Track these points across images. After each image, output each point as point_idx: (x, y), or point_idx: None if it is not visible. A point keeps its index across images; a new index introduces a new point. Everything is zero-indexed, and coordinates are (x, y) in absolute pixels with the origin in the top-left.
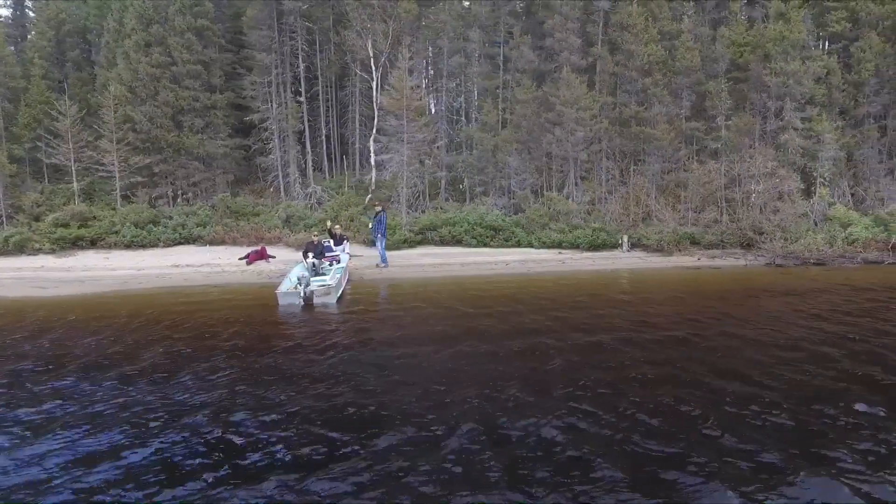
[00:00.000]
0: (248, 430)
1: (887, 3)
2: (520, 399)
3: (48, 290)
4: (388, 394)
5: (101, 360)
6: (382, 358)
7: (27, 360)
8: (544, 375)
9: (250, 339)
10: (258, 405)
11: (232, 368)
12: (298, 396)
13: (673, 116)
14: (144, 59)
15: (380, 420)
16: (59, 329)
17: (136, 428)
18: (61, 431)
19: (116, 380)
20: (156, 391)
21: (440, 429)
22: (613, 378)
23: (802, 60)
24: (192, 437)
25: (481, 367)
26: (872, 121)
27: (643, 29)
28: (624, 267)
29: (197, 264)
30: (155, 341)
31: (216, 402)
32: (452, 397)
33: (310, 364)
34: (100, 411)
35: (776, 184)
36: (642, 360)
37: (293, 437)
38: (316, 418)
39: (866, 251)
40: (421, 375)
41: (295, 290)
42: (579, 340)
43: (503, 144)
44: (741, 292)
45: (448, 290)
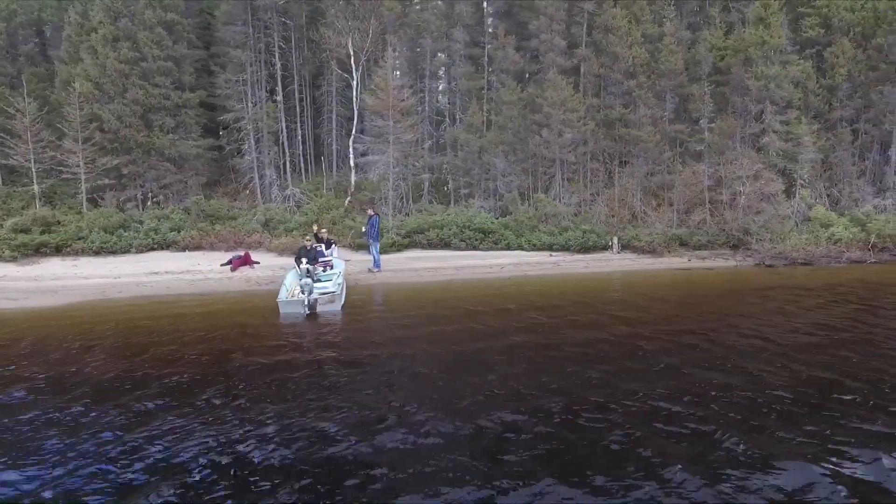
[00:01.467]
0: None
1: (858, 11)
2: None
3: (18, 301)
4: (420, 411)
5: (104, 384)
6: (406, 373)
7: (18, 386)
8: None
9: (258, 354)
10: (293, 431)
11: (250, 390)
12: (332, 421)
13: (657, 119)
14: (112, 54)
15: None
16: (41, 347)
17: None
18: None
19: (128, 409)
20: (193, 422)
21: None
22: (670, 391)
23: (783, 65)
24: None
25: (511, 385)
26: (846, 124)
27: (627, 32)
28: (618, 269)
29: (176, 271)
30: (157, 361)
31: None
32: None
33: (333, 383)
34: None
35: (761, 185)
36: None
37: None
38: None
39: (849, 251)
40: (450, 391)
41: (297, 298)
42: (610, 349)
43: (489, 146)
44: (751, 292)
45: (448, 295)
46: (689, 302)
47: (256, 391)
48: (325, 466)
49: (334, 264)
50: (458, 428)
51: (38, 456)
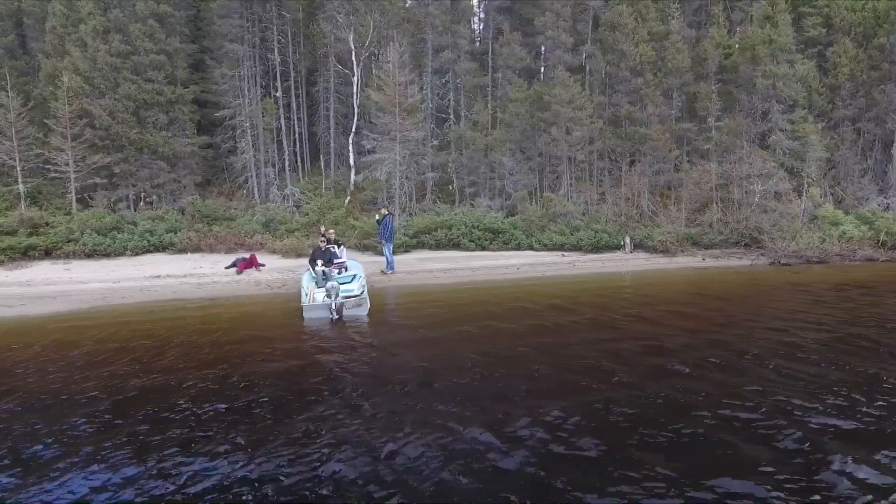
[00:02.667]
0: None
1: (859, 11)
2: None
3: (14, 307)
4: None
5: (131, 397)
6: (448, 382)
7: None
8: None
9: (293, 361)
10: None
11: (301, 412)
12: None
13: (665, 117)
14: (103, 46)
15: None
16: (45, 360)
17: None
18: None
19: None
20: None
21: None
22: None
23: (790, 64)
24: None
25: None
26: (848, 123)
27: (633, 29)
28: (635, 269)
29: (179, 274)
30: (182, 373)
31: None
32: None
33: (390, 393)
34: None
35: (773, 184)
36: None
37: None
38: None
39: (861, 249)
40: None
41: (322, 302)
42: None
43: (496, 144)
44: (789, 289)
45: (471, 297)
46: (737, 300)
47: (309, 404)
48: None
49: (349, 266)
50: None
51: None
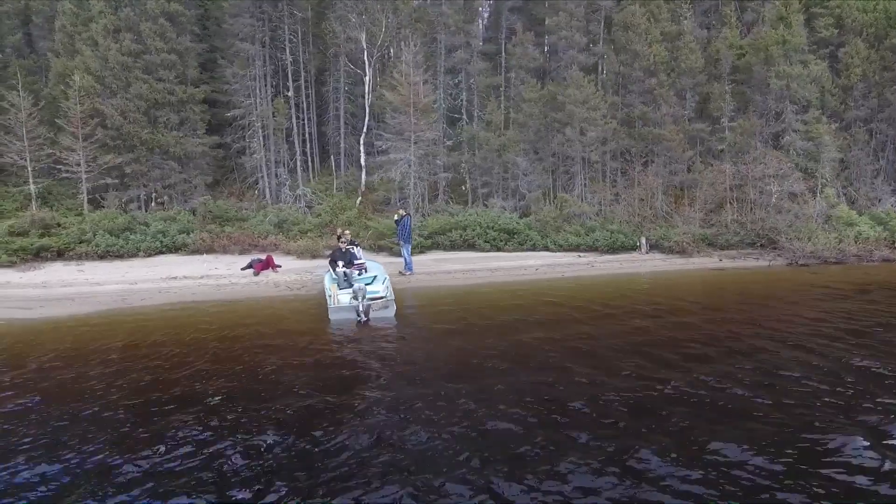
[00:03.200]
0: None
1: (870, 12)
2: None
3: (33, 310)
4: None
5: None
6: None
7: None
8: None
9: (328, 368)
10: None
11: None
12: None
13: (678, 117)
14: (114, 45)
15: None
16: (80, 363)
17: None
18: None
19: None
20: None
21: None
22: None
23: (804, 64)
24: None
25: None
26: (860, 124)
27: (646, 29)
28: (653, 269)
29: (195, 276)
30: (219, 377)
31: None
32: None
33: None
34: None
35: (789, 185)
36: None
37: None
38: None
39: (877, 250)
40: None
41: (348, 304)
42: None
43: (510, 144)
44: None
45: (494, 299)
46: (772, 304)
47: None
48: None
49: (369, 267)
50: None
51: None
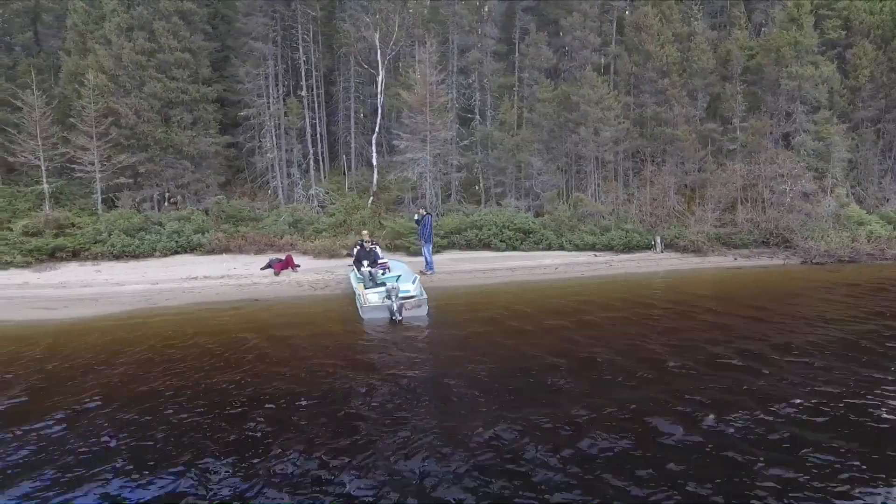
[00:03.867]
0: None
1: (877, 14)
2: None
3: (58, 310)
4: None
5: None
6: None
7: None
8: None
9: (369, 370)
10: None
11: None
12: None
13: (690, 118)
14: (128, 44)
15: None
16: (120, 362)
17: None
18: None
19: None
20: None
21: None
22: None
23: (815, 65)
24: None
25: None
26: (868, 124)
27: (659, 30)
28: (670, 269)
29: (215, 276)
30: (270, 378)
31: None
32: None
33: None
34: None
35: (803, 184)
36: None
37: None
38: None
39: (888, 248)
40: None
41: (382, 303)
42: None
43: (524, 144)
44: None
45: (519, 298)
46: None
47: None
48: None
49: (392, 266)
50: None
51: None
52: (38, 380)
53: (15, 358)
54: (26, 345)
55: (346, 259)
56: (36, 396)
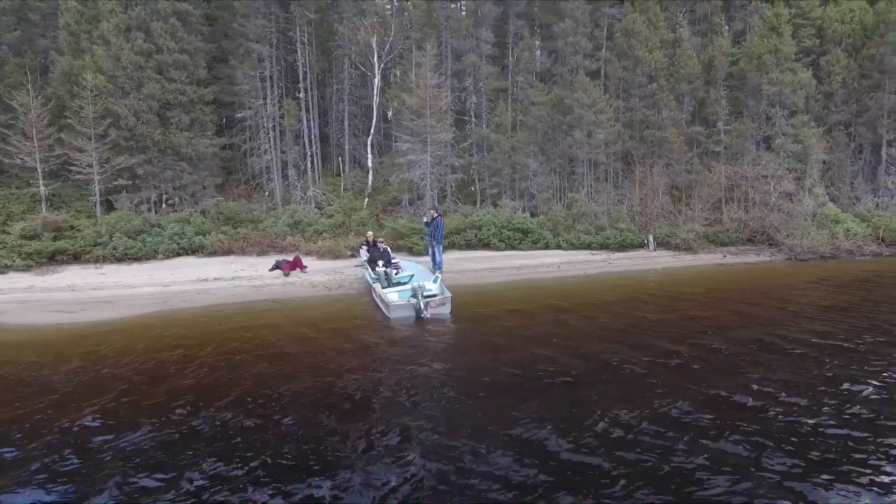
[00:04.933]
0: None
1: (848, 23)
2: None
3: (76, 313)
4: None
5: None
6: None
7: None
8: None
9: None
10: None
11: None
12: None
13: (677, 121)
14: (126, 45)
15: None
16: (183, 365)
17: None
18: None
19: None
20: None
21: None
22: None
23: (794, 72)
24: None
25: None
26: (842, 128)
27: (647, 37)
28: (666, 266)
29: (226, 277)
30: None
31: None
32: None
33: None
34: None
35: (784, 185)
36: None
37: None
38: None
39: (865, 245)
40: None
41: (408, 302)
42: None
43: (520, 146)
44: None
45: (532, 294)
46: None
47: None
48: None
49: (404, 266)
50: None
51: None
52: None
53: (109, 357)
54: (79, 346)
55: (350, 260)
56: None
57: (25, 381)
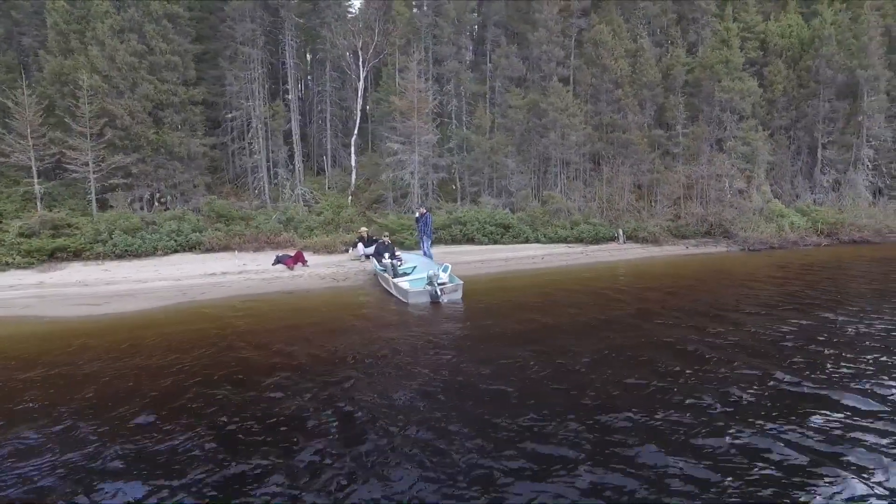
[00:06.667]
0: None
1: (787, 37)
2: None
3: (101, 306)
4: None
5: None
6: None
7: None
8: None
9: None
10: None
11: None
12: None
13: (641, 124)
14: (121, 46)
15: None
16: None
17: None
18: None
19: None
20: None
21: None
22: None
23: (742, 80)
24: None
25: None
26: (783, 132)
27: (612, 46)
28: (636, 256)
29: (234, 271)
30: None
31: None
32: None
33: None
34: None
35: (737, 183)
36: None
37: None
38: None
39: (807, 236)
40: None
41: (424, 289)
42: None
43: (498, 147)
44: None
45: (525, 283)
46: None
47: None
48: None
49: (404, 258)
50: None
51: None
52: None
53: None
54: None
55: (345, 255)
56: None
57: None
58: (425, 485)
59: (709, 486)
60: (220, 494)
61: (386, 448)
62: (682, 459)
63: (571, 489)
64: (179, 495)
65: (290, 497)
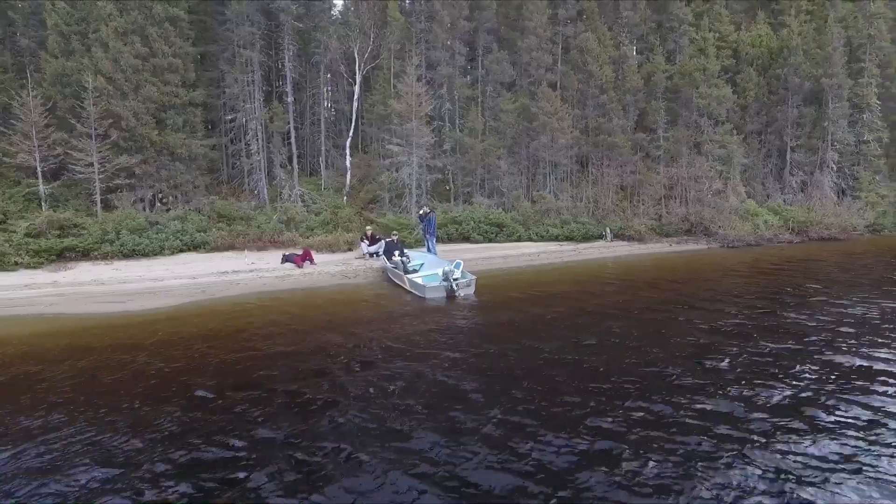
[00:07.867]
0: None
1: (757, 47)
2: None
3: (125, 303)
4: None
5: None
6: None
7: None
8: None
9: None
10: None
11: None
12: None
13: (625, 128)
14: (125, 48)
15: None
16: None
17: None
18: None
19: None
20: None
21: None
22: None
23: (718, 87)
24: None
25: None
26: (755, 136)
27: (598, 53)
28: (625, 253)
29: (245, 270)
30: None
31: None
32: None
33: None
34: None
35: (714, 184)
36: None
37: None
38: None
39: (781, 234)
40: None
41: (440, 284)
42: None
43: (491, 149)
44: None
45: (528, 279)
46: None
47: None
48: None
49: (413, 256)
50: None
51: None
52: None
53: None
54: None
55: (348, 253)
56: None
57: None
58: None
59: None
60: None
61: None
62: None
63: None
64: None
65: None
